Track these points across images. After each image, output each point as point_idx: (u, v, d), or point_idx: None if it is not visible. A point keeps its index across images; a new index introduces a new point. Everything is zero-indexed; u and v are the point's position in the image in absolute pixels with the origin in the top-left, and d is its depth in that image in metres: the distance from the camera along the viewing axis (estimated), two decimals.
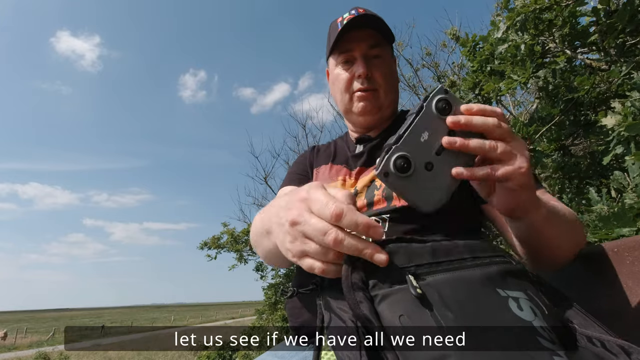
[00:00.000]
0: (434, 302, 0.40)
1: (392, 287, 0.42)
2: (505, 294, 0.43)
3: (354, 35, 0.84)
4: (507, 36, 1.85)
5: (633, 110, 1.20)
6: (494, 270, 0.46)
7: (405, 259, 0.44)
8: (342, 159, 0.91)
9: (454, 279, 0.43)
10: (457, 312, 0.39)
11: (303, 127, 8.73)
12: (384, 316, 0.40)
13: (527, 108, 4.42)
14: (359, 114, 0.87)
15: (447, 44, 5.69)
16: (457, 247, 0.47)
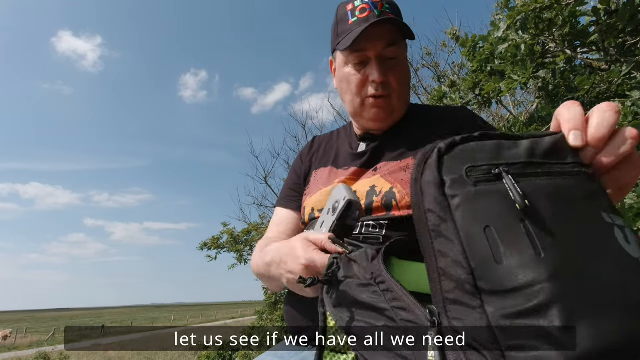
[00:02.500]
0: (531, 215, 0.31)
1: (476, 186, 0.33)
2: (611, 220, 0.34)
3: (368, 32, 0.74)
4: (507, 36, 1.85)
5: (634, 109, 1.20)
6: (598, 187, 0.36)
7: (494, 156, 0.35)
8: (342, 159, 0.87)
9: (555, 189, 0.34)
10: (558, 235, 0.31)
11: (303, 127, 8.73)
12: (461, 225, 0.32)
13: (527, 108, 4.42)
14: (369, 120, 0.82)
15: (447, 43, 5.69)
16: (561, 146, 0.37)
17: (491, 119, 5.28)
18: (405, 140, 0.79)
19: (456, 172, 0.34)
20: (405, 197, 0.68)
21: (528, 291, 0.28)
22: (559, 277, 0.29)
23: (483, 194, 0.33)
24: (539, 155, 0.36)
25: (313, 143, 0.99)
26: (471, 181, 0.33)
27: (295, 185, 0.94)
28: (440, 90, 2.62)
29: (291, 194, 0.92)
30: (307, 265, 0.57)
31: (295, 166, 0.98)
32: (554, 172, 0.35)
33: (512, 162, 0.34)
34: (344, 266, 0.46)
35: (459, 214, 0.33)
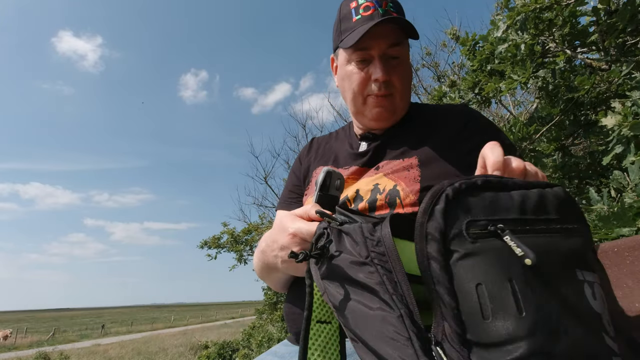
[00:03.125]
0: (515, 275, 0.34)
1: (475, 243, 0.36)
2: (582, 277, 0.38)
3: (372, 31, 0.73)
4: (507, 36, 1.85)
5: (634, 109, 1.20)
6: (577, 243, 0.39)
7: (490, 209, 0.38)
8: (342, 158, 0.87)
9: (540, 248, 0.36)
10: (538, 294, 0.34)
11: (303, 127, 8.73)
12: (457, 279, 0.35)
13: (527, 108, 4.41)
14: (372, 119, 0.81)
15: (447, 43, 5.69)
16: (546, 201, 0.40)
17: (491, 119, 5.27)
18: (407, 139, 0.79)
19: (458, 226, 0.37)
20: (409, 195, 0.68)
21: (508, 346, 0.32)
22: (536, 336, 0.32)
23: (479, 252, 0.36)
24: (529, 210, 0.39)
25: (312, 144, 0.98)
26: (470, 238, 0.36)
27: (295, 187, 0.94)
28: (440, 90, 2.62)
29: (291, 196, 0.93)
30: (294, 234, 0.58)
31: (295, 168, 0.98)
32: (540, 229, 0.39)
33: (506, 218, 0.38)
34: (335, 238, 0.45)
35: (456, 269, 0.36)
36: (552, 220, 0.39)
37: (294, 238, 0.58)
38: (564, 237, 0.39)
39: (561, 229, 0.40)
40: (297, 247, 0.58)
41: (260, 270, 0.77)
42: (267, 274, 0.76)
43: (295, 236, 0.58)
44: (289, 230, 0.59)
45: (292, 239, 0.58)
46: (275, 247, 0.64)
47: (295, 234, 0.58)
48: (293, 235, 0.58)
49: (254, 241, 8.19)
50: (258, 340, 6.09)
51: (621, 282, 0.62)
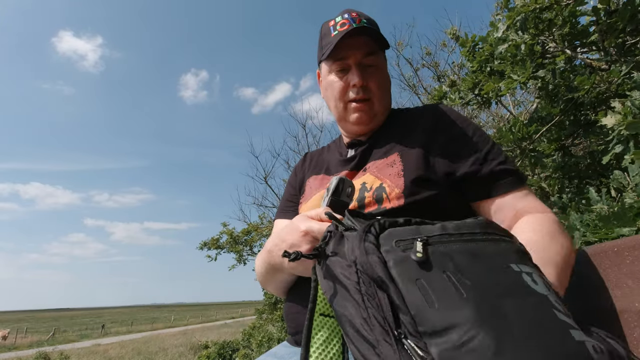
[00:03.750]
0: (450, 269, 0.39)
1: (404, 252, 0.41)
2: (519, 269, 0.41)
3: (348, 43, 0.83)
4: (507, 36, 1.85)
5: (633, 109, 1.20)
6: (505, 247, 0.45)
7: (415, 232, 0.44)
8: (333, 166, 0.93)
9: (467, 250, 0.42)
10: (474, 279, 0.38)
11: (303, 127, 8.74)
12: (399, 279, 0.39)
13: (527, 108, 4.42)
14: (353, 124, 0.88)
15: (447, 43, 5.69)
16: (466, 224, 0.47)
17: (491, 119, 5.28)
18: (389, 140, 0.85)
19: (388, 245, 0.43)
20: (394, 190, 0.73)
21: (458, 328, 0.34)
22: (483, 313, 0.35)
23: (410, 257, 0.41)
24: (451, 229, 0.45)
25: (305, 158, 1.06)
26: (400, 249, 0.42)
27: (292, 196, 0.99)
28: (440, 90, 2.62)
29: (289, 205, 0.98)
30: (306, 233, 0.60)
31: (291, 180, 1.04)
32: (465, 239, 0.44)
33: (430, 235, 0.44)
34: (335, 241, 0.49)
35: (395, 271, 0.40)
36: (476, 233, 0.45)
37: (305, 236, 0.60)
38: (492, 243, 0.45)
39: (486, 239, 0.45)
40: (308, 246, 0.60)
41: (264, 272, 0.77)
42: (271, 276, 0.76)
43: (307, 234, 0.60)
44: (301, 228, 0.61)
45: (303, 237, 0.60)
46: (283, 245, 0.65)
47: (307, 231, 0.60)
48: (305, 233, 0.60)
49: (254, 241, 8.19)
50: (258, 340, 6.09)
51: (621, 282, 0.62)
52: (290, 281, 0.76)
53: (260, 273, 0.79)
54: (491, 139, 0.80)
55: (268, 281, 0.79)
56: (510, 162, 0.76)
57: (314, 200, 0.87)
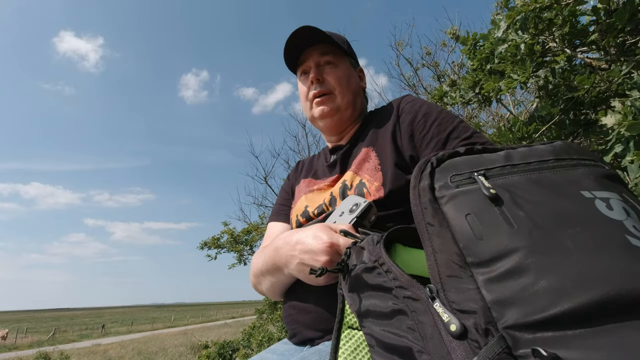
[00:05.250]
0: (505, 200, 0.38)
1: (458, 188, 0.41)
2: (592, 195, 0.38)
3: (308, 50, 0.92)
4: (507, 36, 1.85)
5: (633, 110, 1.20)
6: (580, 172, 0.41)
7: (475, 163, 0.43)
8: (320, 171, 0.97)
9: (530, 180, 0.40)
10: (530, 211, 0.36)
11: (303, 127, 8.74)
12: (449, 216, 0.39)
13: (527, 107, 4.42)
14: (319, 118, 0.92)
15: (447, 43, 5.69)
16: (536, 151, 0.44)
17: (491, 119, 5.28)
18: (364, 138, 0.88)
19: (443, 180, 0.43)
20: (374, 183, 0.75)
21: (505, 258, 0.34)
22: (533, 242, 0.34)
23: (463, 193, 0.40)
24: (516, 157, 0.43)
25: (298, 165, 1.11)
26: (454, 185, 0.42)
27: (285, 200, 1.03)
28: (440, 90, 2.62)
29: (282, 209, 1.01)
30: (331, 244, 0.60)
31: (284, 186, 1.09)
32: (531, 168, 0.41)
33: (490, 167, 0.42)
34: (355, 255, 0.50)
35: (446, 208, 0.40)
36: (546, 161, 0.42)
37: (330, 247, 0.60)
38: (565, 170, 0.41)
39: (559, 165, 0.42)
40: (327, 257, 0.60)
41: (264, 270, 0.77)
42: (269, 275, 0.76)
43: (332, 246, 0.60)
44: (324, 239, 0.61)
45: (327, 248, 0.60)
46: (298, 247, 0.65)
47: (332, 244, 0.61)
48: (330, 245, 0.61)
49: (254, 241, 8.19)
50: (258, 340, 6.09)
51: None
52: (287, 282, 0.76)
53: (259, 270, 0.79)
54: (458, 119, 0.80)
55: (265, 279, 0.79)
56: (479, 136, 0.75)
57: (300, 203, 0.90)
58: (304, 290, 0.73)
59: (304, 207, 0.87)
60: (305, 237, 0.65)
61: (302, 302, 0.74)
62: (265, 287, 0.81)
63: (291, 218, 0.93)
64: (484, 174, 0.41)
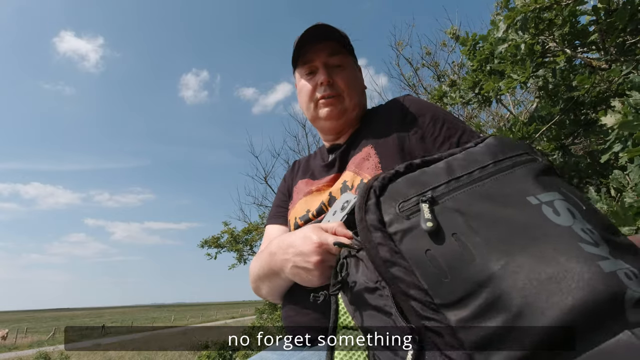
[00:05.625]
0: (459, 228, 0.36)
1: (409, 219, 0.39)
2: (538, 201, 0.37)
3: (314, 47, 0.89)
4: (507, 36, 1.85)
5: (633, 109, 1.20)
6: (520, 174, 0.40)
7: (419, 186, 0.41)
8: (317, 172, 0.95)
9: (477, 196, 0.39)
10: (486, 234, 0.35)
11: (303, 126, 8.74)
12: (408, 256, 0.37)
13: (527, 107, 4.42)
14: (324, 119, 0.90)
15: (447, 43, 5.69)
16: (473, 156, 0.43)
17: (491, 119, 5.28)
18: (363, 136, 0.87)
19: (391, 211, 0.40)
20: None
21: (473, 296, 0.33)
22: (496, 274, 0.33)
23: (417, 225, 0.38)
24: (457, 169, 0.41)
25: (294, 165, 1.10)
26: (404, 215, 0.39)
27: (282, 202, 1.01)
28: (440, 90, 2.62)
29: (279, 211, 1.00)
30: (320, 244, 0.60)
31: (281, 187, 1.07)
32: (475, 179, 0.40)
33: (435, 186, 0.40)
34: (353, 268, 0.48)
35: (403, 246, 0.38)
36: (486, 167, 0.41)
37: (319, 247, 0.60)
38: (505, 174, 0.41)
39: (498, 170, 0.41)
40: (319, 257, 0.59)
41: (261, 274, 0.78)
42: (267, 280, 0.77)
43: (321, 246, 0.59)
44: (314, 239, 0.60)
45: (317, 248, 0.60)
46: (290, 251, 0.65)
47: (321, 243, 0.60)
48: (319, 245, 0.60)
49: (254, 241, 8.19)
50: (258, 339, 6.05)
51: None
52: (285, 286, 0.77)
53: (257, 275, 0.79)
54: (462, 121, 0.82)
55: (263, 284, 0.79)
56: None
57: (299, 205, 0.89)
58: (302, 291, 0.73)
59: (305, 210, 0.87)
60: (295, 240, 0.64)
61: (301, 303, 0.74)
62: (265, 291, 0.82)
63: (289, 220, 0.92)
64: (431, 198, 0.39)
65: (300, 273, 0.64)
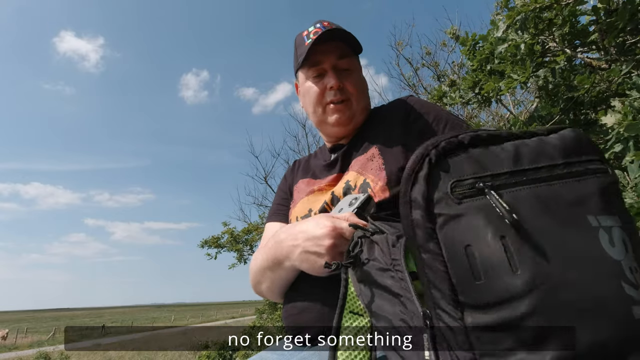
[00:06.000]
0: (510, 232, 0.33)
1: (460, 204, 0.35)
2: (597, 223, 0.34)
3: (322, 48, 0.86)
4: (507, 35, 1.85)
5: (633, 110, 1.20)
6: (588, 186, 0.36)
7: (479, 167, 0.36)
8: (318, 171, 0.95)
9: (537, 199, 0.35)
10: (535, 249, 0.32)
11: (303, 126, 8.74)
12: (445, 245, 0.34)
13: (527, 107, 4.42)
14: (333, 125, 0.89)
15: (447, 43, 5.69)
16: (546, 148, 0.38)
17: (491, 118, 5.28)
18: (367, 137, 0.86)
19: (443, 188, 0.36)
20: (378, 183, 0.74)
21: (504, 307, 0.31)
22: (534, 293, 0.31)
23: (466, 212, 0.35)
24: (525, 160, 0.37)
25: (294, 164, 1.09)
26: (456, 199, 0.35)
27: (282, 200, 1.01)
28: (440, 90, 2.62)
29: (279, 209, 0.99)
30: (334, 228, 0.60)
31: (281, 185, 1.07)
32: (540, 177, 0.36)
33: (496, 173, 0.36)
34: (367, 247, 0.48)
35: (443, 233, 0.35)
36: (556, 166, 0.36)
37: (333, 231, 0.60)
38: (573, 181, 0.36)
39: (568, 174, 0.36)
40: (331, 241, 0.60)
41: (265, 267, 0.77)
42: (270, 271, 0.76)
43: (335, 229, 0.60)
44: (327, 224, 0.61)
45: (330, 232, 0.60)
46: (301, 236, 0.65)
47: (335, 227, 0.60)
48: (333, 229, 0.60)
49: (254, 241, 8.19)
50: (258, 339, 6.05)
51: None
52: (287, 279, 0.76)
53: (259, 267, 0.79)
54: (465, 122, 0.83)
55: (264, 277, 0.79)
56: None
57: (301, 204, 0.88)
58: (304, 290, 0.73)
59: (307, 210, 0.86)
60: (307, 226, 0.65)
61: (303, 302, 0.74)
62: (265, 286, 0.81)
63: (290, 219, 0.92)
64: (492, 186, 0.34)
65: (309, 258, 0.63)
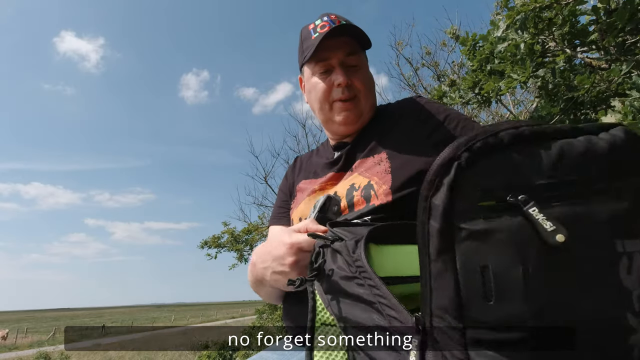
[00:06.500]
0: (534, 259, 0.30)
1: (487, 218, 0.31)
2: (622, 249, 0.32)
3: (330, 43, 0.82)
4: (507, 35, 1.85)
5: (633, 109, 1.20)
6: (625, 205, 0.32)
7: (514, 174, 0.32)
8: (320, 169, 0.93)
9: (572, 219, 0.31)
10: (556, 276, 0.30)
11: (303, 126, 8.75)
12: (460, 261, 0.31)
13: (527, 107, 4.42)
14: (340, 124, 0.87)
15: (447, 43, 5.69)
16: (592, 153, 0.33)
17: (491, 118, 5.28)
18: (374, 137, 0.84)
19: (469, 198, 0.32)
20: (382, 186, 0.73)
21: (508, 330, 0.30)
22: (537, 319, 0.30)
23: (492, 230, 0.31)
24: (567, 168, 0.32)
25: (295, 162, 1.06)
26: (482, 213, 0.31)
27: (283, 202, 0.99)
28: (440, 90, 2.62)
29: (281, 211, 0.98)
30: (292, 245, 0.60)
31: (282, 185, 1.05)
32: (576, 193, 0.32)
33: (533, 185, 0.31)
34: (330, 256, 0.48)
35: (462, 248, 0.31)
36: (597, 179, 0.32)
37: (291, 248, 0.60)
38: (609, 198, 0.32)
39: (608, 189, 0.32)
40: (293, 258, 0.60)
41: (253, 283, 0.78)
42: (259, 288, 0.78)
43: (292, 246, 0.60)
44: (285, 241, 0.61)
45: (289, 249, 0.60)
46: (267, 258, 0.65)
47: (293, 244, 0.60)
48: (291, 246, 0.60)
49: (254, 241, 8.19)
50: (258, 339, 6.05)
51: None
52: (276, 293, 0.77)
53: (250, 282, 0.80)
54: (477, 124, 0.81)
55: (258, 290, 0.80)
56: None
57: (303, 205, 0.87)
58: (302, 291, 0.73)
59: (309, 210, 0.87)
60: (271, 246, 0.65)
61: (301, 303, 0.74)
62: (262, 297, 0.83)
63: (292, 219, 0.91)
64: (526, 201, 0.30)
65: (278, 279, 0.64)
